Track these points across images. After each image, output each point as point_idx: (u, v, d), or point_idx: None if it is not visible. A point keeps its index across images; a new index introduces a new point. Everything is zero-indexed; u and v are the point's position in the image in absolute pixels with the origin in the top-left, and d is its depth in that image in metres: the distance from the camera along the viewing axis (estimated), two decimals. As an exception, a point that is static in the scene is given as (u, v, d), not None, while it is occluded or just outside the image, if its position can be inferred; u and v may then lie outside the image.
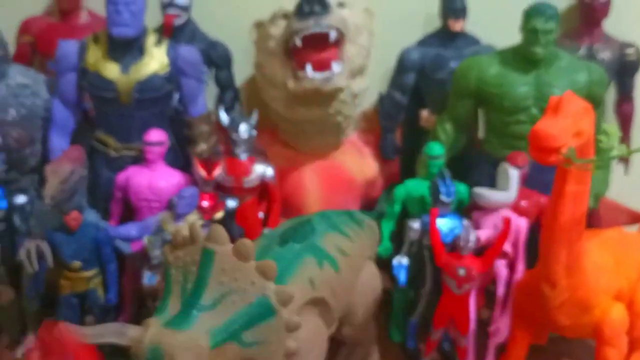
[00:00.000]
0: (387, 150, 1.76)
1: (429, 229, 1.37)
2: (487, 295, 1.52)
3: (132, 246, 1.44)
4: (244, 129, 1.49)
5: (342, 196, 1.67)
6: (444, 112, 1.62)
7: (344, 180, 1.71)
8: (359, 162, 1.75)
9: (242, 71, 1.77)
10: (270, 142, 1.70)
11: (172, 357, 0.96)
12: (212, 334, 1.01)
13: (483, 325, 1.46)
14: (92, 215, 1.37)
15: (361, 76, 1.56)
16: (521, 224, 1.42)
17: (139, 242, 1.47)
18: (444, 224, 1.38)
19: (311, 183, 1.67)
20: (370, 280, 1.38)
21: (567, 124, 1.11)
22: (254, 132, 1.52)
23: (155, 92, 1.45)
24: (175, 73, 1.47)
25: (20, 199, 1.39)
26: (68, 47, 1.48)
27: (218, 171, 1.44)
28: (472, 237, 1.32)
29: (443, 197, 1.36)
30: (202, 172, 1.42)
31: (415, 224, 1.41)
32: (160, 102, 1.48)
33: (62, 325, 0.98)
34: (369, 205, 1.74)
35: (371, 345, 1.46)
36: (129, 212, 1.53)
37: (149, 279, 1.26)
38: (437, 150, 1.46)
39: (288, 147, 1.70)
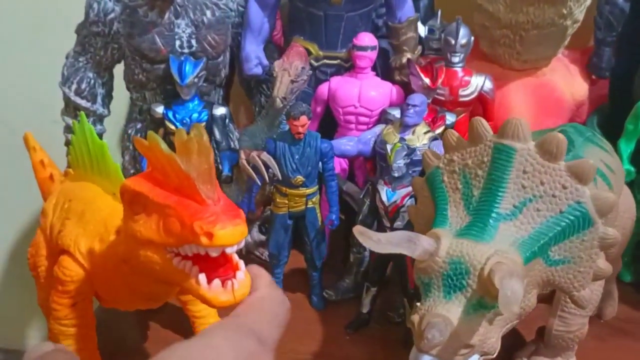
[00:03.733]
0: (601, 67, 1.52)
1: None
2: None
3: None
4: (463, 33, 1.30)
5: (552, 119, 1.46)
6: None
7: (554, 100, 1.49)
8: (568, 81, 1.53)
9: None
10: (468, 57, 1.51)
11: (482, 273, 0.79)
12: (521, 247, 0.83)
13: None
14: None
15: (596, -29, 1.33)
16: None
17: (343, 159, 1.32)
18: None
19: (518, 102, 1.46)
20: (630, 204, 1.17)
21: None
22: (472, 38, 1.33)
23: (366, -12, 1.26)
24: (386, -35, 1.28)
25: (220, 111, 1.24)
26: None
27: (442, 79, 1.25)
28: None
29: None
30: (425, 79, 1.23)
31: (678, 139, 1.19)
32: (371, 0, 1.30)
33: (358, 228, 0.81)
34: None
35: (613, 281, 1.26)
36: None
37: (389, 195, 1.08)
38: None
39: (491, 63, 1.49)
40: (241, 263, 0.69)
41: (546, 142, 0.84)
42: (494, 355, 0.83)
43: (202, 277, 0.67)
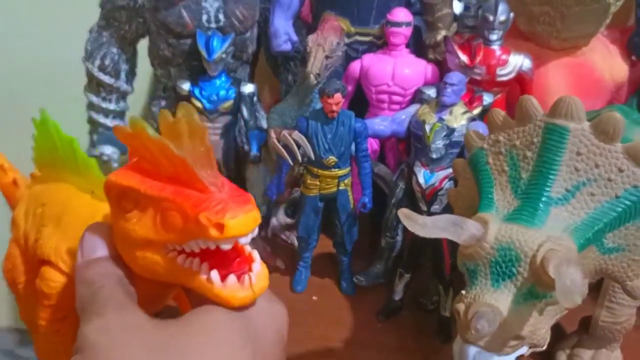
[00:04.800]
0: (642, 47, 1.46)
1: None
2: None
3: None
4: (503, 9, 1.24)
5: (591, 100, 1.39)
6: None
7: (593, 81, 1.43)
8: (608, 61, 1.46)
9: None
10: (505, 35, 1.44)
11: (534, 260, 0.74)
12: (574, 234, 0.79)
13: None
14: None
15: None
16: None
17: (374, 140, 1.27)
18: None
19: (555, 83, 1.40)
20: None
21: None
22: (512, 15, 1.27)
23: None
24: None
25: (249, 88, 1.20)
26: None
27: (480, 57, 1.20)
28: None
29: None
30: (464, 57, 1.17)
31: None
32: (407, -28, 1.24)
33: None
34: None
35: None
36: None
37: (427, 178, 1.03)
38: None
39: (527, 41, 1.43)
40: (255, 253, 0.61)
41: (602, 122, 0.79)
42: (544, 347, 0.78)
43: (215, 275, 0.57)
